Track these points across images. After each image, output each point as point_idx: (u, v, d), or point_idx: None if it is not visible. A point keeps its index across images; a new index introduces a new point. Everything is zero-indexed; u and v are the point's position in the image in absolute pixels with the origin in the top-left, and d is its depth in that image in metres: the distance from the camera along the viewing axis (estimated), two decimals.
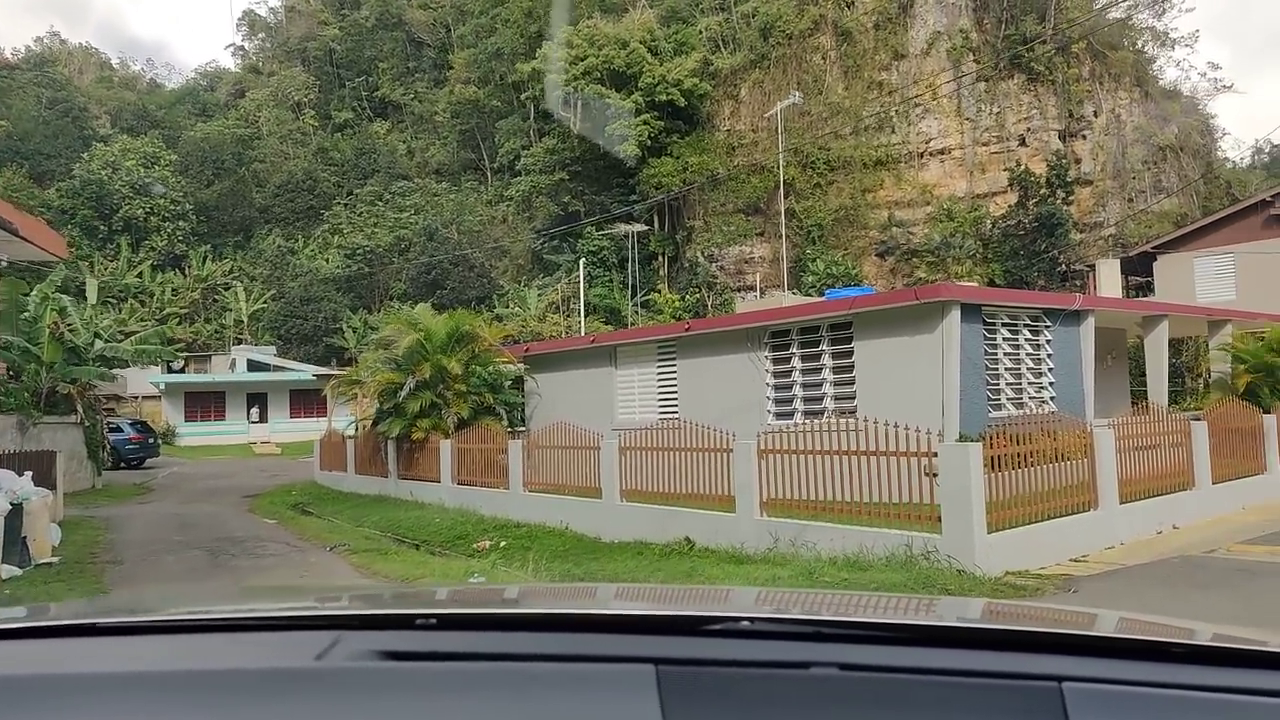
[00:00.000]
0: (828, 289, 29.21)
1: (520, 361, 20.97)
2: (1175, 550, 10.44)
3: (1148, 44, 46.20)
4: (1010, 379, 14.74)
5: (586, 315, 44.55)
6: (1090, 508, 10.58)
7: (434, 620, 1.51)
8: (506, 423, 19.32)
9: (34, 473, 13.61)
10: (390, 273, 53.62)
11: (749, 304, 24.32)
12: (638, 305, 45.52)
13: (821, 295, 23.03)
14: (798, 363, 15.64)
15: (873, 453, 10.20)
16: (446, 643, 1.44)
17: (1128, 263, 31.19)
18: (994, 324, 14.54)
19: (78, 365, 24.16)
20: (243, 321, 51.42)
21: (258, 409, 43.49)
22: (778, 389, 15.93)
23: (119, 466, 30.68)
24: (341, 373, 25.50)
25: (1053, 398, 14.98)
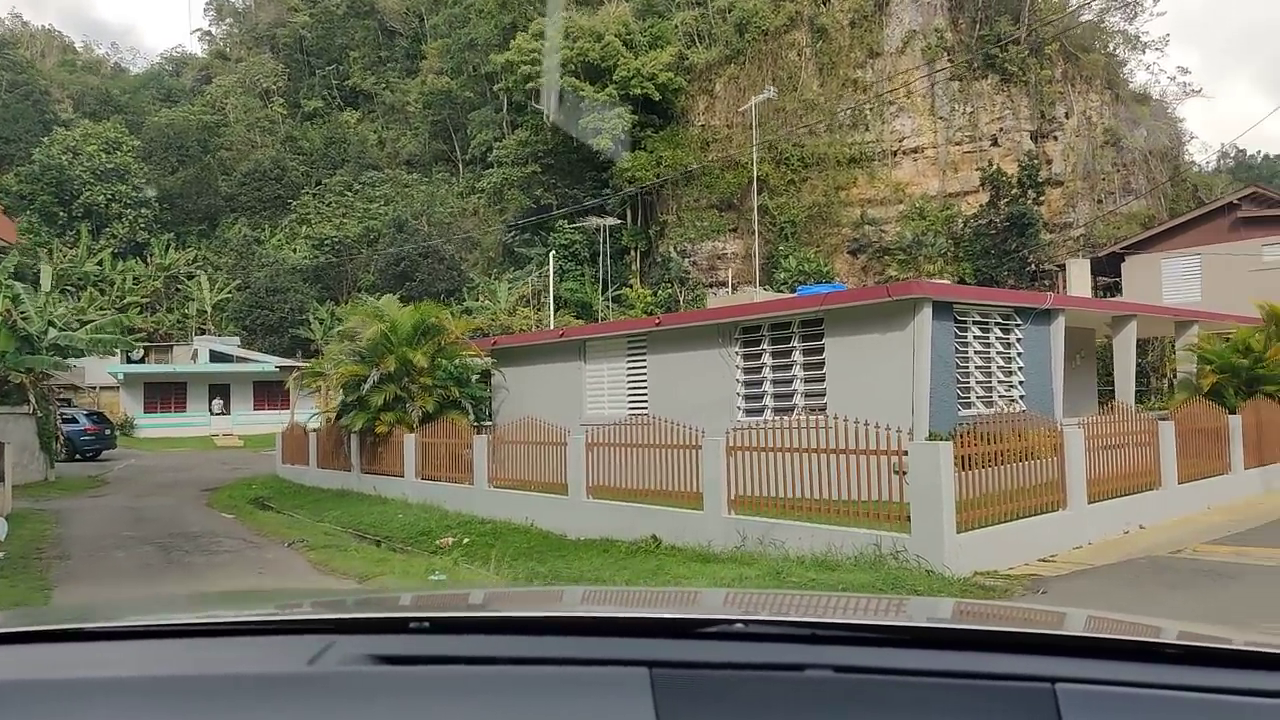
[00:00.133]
0: (800, 286, 29.13)
1: (487, 355, 20.65)
2: (1142, 550, 10.39)
3: (1119, 47, 46.65)
4: (981, 377, 14.66)
5: (558, 309, 44.22)
6: (1059, 507, 10.50)
7: (427, 624, 1.50)
8: (473, 417, 19.02)
9: None
10: (359, 264, 52.93)
11: (721, 300, 24.12)
12: (609, 300, 45.24)
13: (793, 292, 22.89)
14: (768, 359, 15.47)
15: (842, 450, 10.04)
16: (440, 646, 1.43)
17: (1096, 263, 31.42)
18: (965, 322, 14.45)
19: (31, 354, 23.47)
20: (206, 311, 50.51)
21: (220, 401, 42.67)
22: (748, 385, 15.76)
23: (74, 458, 29.95)
24: (304, 364, 25.01)
25: (1023, 396, 14.92)
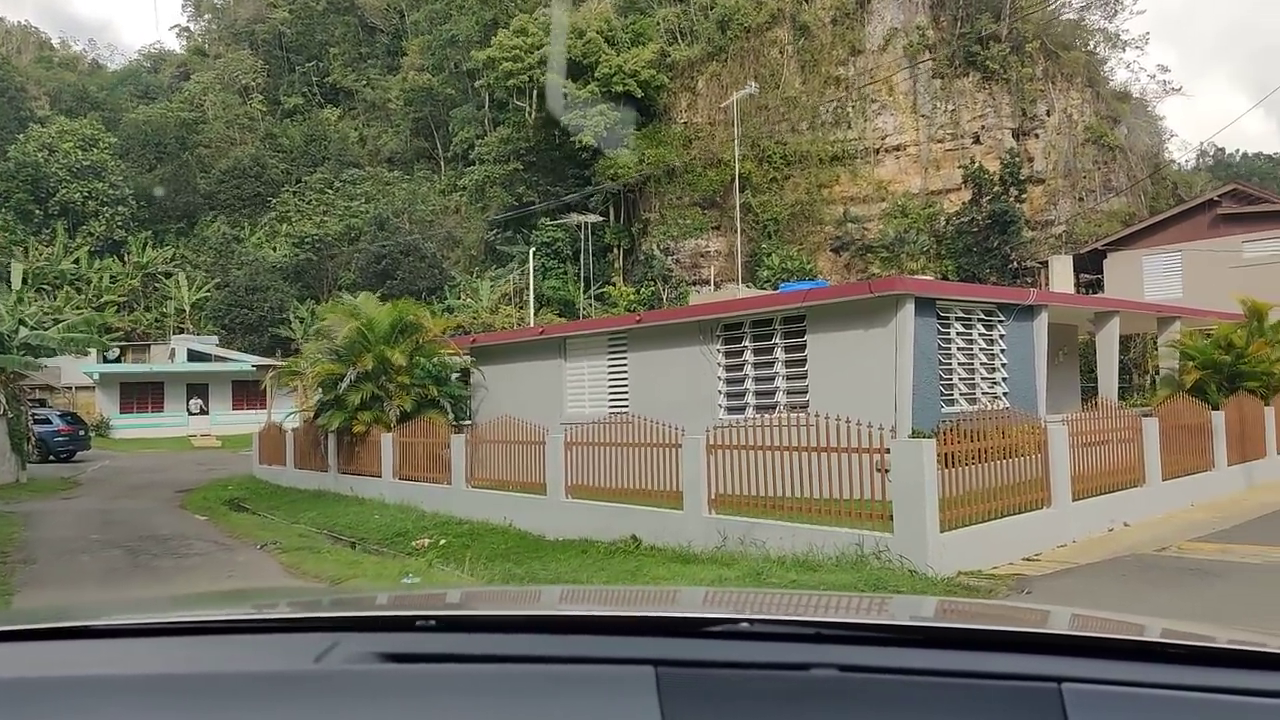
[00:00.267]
0: (782, 283, 29.00)
1: (467, 353, 20.39)
2: (1127, 548, 10.28)
3: (1099, 45, 46.77)
4: (964, 374, 14.54)
5: (540, 308, 43.96)
6: (1043, 505, 10.37)
7: (433, 622, 1.50)
8: (452, 416, 18.76)
9: None
10: (340, 262, 52.48)
11: (703, 297, 23.96)
12: (592, 298, 45.01)
13: (776, 289, 22.75)
14: (750, 356, 15.30)
15: (824, 449, 9.87)
16: (446, 644, 1.43)
17: (1078, 260, 31.46)
18: (948, 318, 14.32)
19: (1, 354, 23.01)
20: (184, 310, 49.92)
21: (198, 400, 42.12)
22: (730, 383, 15.58)
23: (47, 460, 29.50)
24: (281, 363, 24.67)
25: (1006, 393, 14.81)
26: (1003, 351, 15.08)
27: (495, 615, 1.74)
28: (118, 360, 43.68)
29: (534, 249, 43.54)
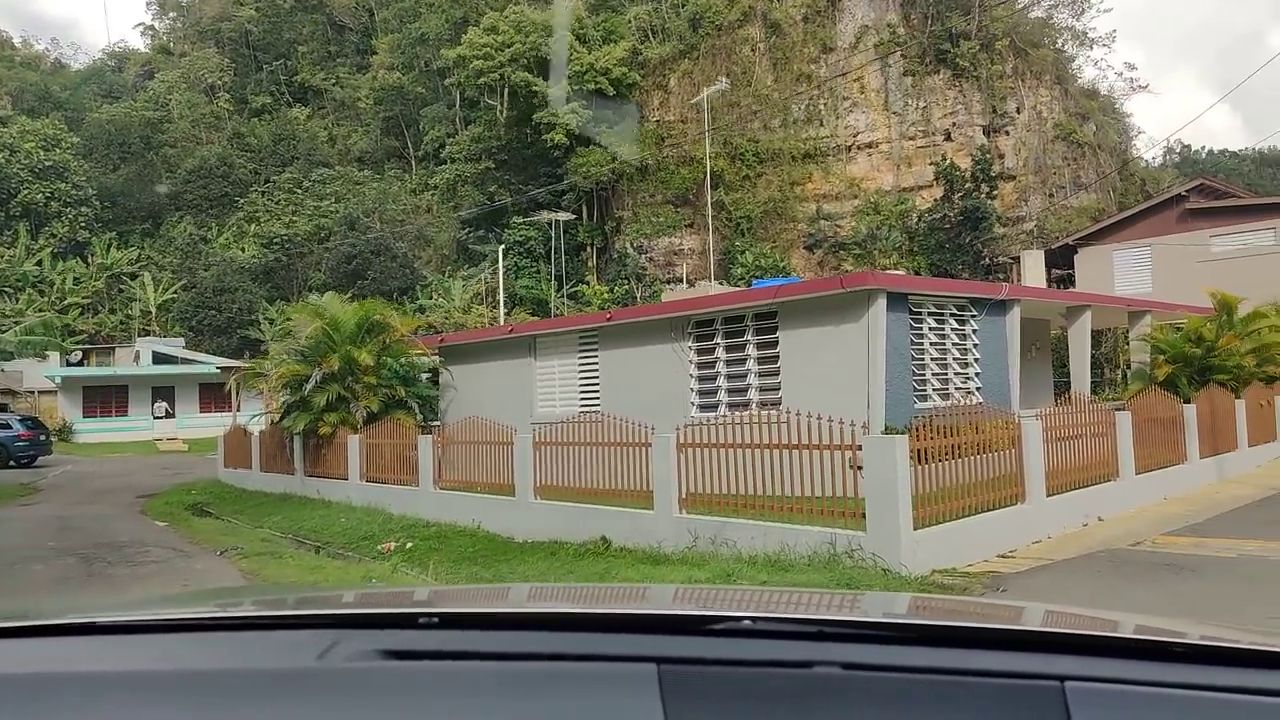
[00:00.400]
0: (756, 280, 28.85)
1: (435, 353, 20.05)
2: (1101, 543, 10.18)
3: (1067, 43, 47.17)
4: (936, 369, 14.43)
5: (513, 307, 43.59)
6: (1018, 501, 10.24)
7: (436, 619, 1.50)
8: (420, 417, 18.42)
9: None
10: (309, 262, 51.78)
11: (676, 295, 23.77)
12: (565, 297, 44.70)
13: (750, 287, 22.59)
14: (722, 353, 15.11)
15: (796, 446, 9.69)
16: (449, 642, 1.43)
17: (1050, 255, 31.60)
18: (920, 313, 14.20)
19: None
20: (150, 312, 48.98)
21: (163, 404, 41.32)
22: (702, 380, 15.38)
23: (8, 465, 28.87)
24: (245, 364, 24.19)
25: (979, 388, 14.72)
26: (975, 346, 14.99)
27: (498, 612, 1.73)
28: (81, 363, 42.74)
29: (506, 248, 43.16)
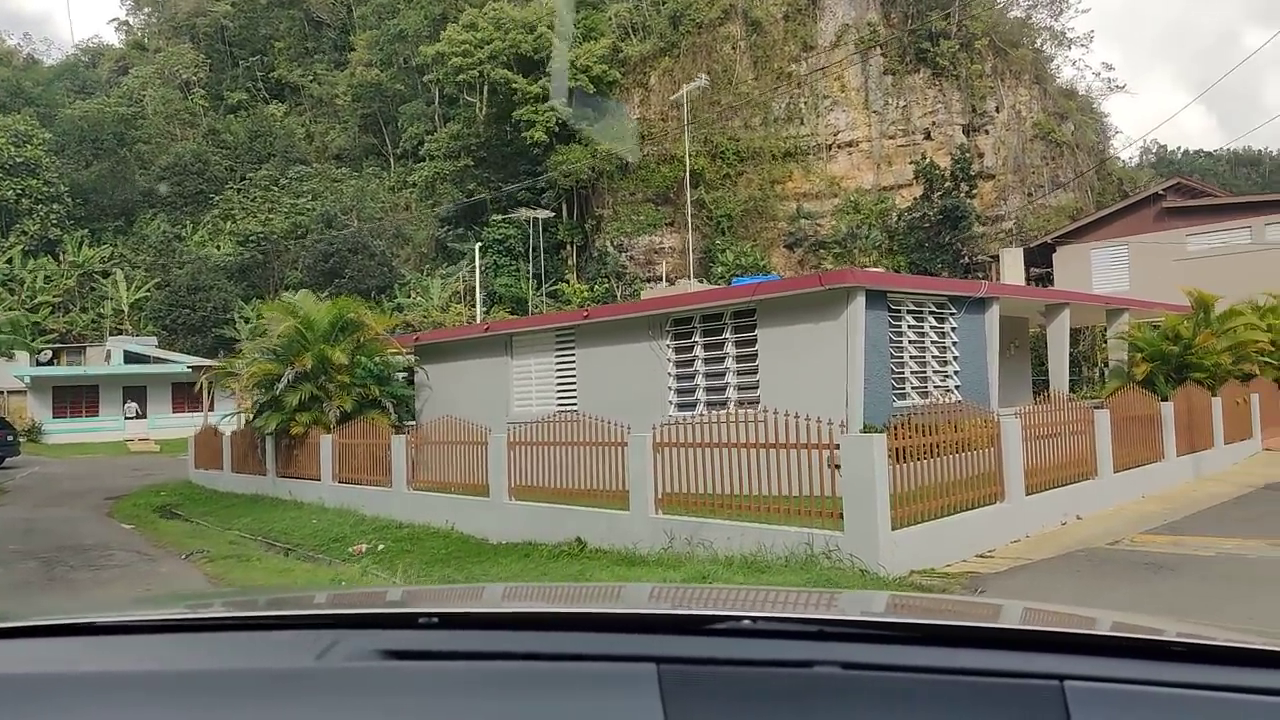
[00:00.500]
0: (736, 279, 28.73)
1: (411, 352, 19.78)
2: (1080, 542, 10.09)
3: (1046, 43, 47.32)
4: (915, 367, 14.33)
5: (492, 306, 43.30)
6: (996, 500, 10.13)
7: (435, 619, 1.50)
8: (395, 417, 18.17)
9: None
10: (286, 261, 51.21)
11: (655, 293, 23.58)
12: (545, 295, 44.43)
13: (730, 285, 22.46)
14: (700, 352, 14.95)
15: (773, 445, 9.53)
16: (448, 642, 1.42)
17: (1028, 254, 31.67)
18: (899, 311, 14.10)
19: None
20: (123, 311, 48.26)
21: (133, 404, 40.67)
22: (680, 379, 15.22)
23: None
24: (215, 363, 23.80)
25: (958, 386, 14.64)
26: (954, 344, 14.91)
27: (497, 612, 1.73)
28: (51, 363, 42.00)
29: (484, 246, 42.85)
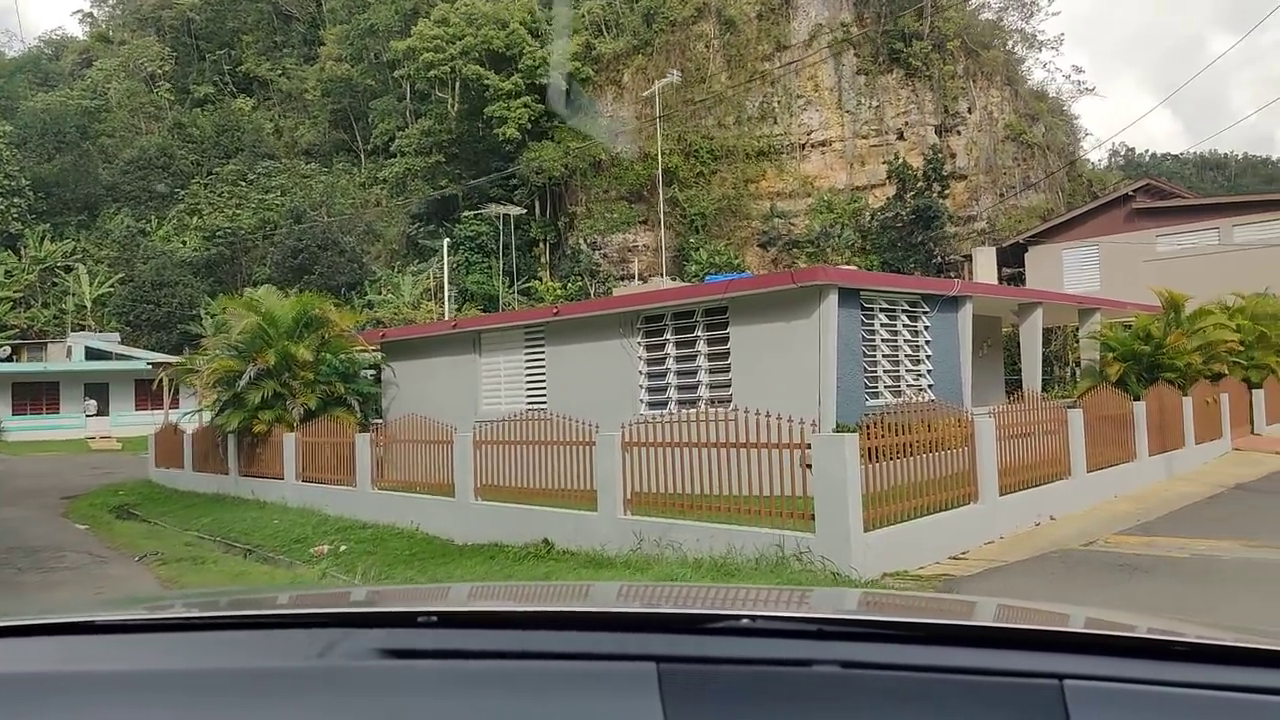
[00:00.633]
0: (709, 277, 28.55)
1: (377, 349, 19.40)
2: (1054, 543, 9.98)
3: (1017, 45, 47.61)
4: (888, 366, 14.21)
5: (464, 303, 42.82)
6: (971, 500, 9.99)
7: (435, 618, 1.49)
8: (361, 415, 17.78)
9: None
10: (254, 257, 50.41)
11: (627, 291, 23.36)
12: (517, 293, 44.04)
13: (703, 284, 22.26)
14: (672, 350, 14.74)
15: (744, 445, 9.33)
16: (448, 640, 1.42)
17: (1000, 254, 31.78)
18: (872, 309, 13.97)
19: None
20: (85, 307, 47.27)
21: (94, 401, 39.79)
22: (651, 377, 15.00)
23: None
24: (175, 359, 23.27)
25: (931, 385, 14.53)
26: (927, 343, 14.81)
27: (496, 611, 1.72)
28: (10, 359, 41.05)
29: (454, 242, 42.38)
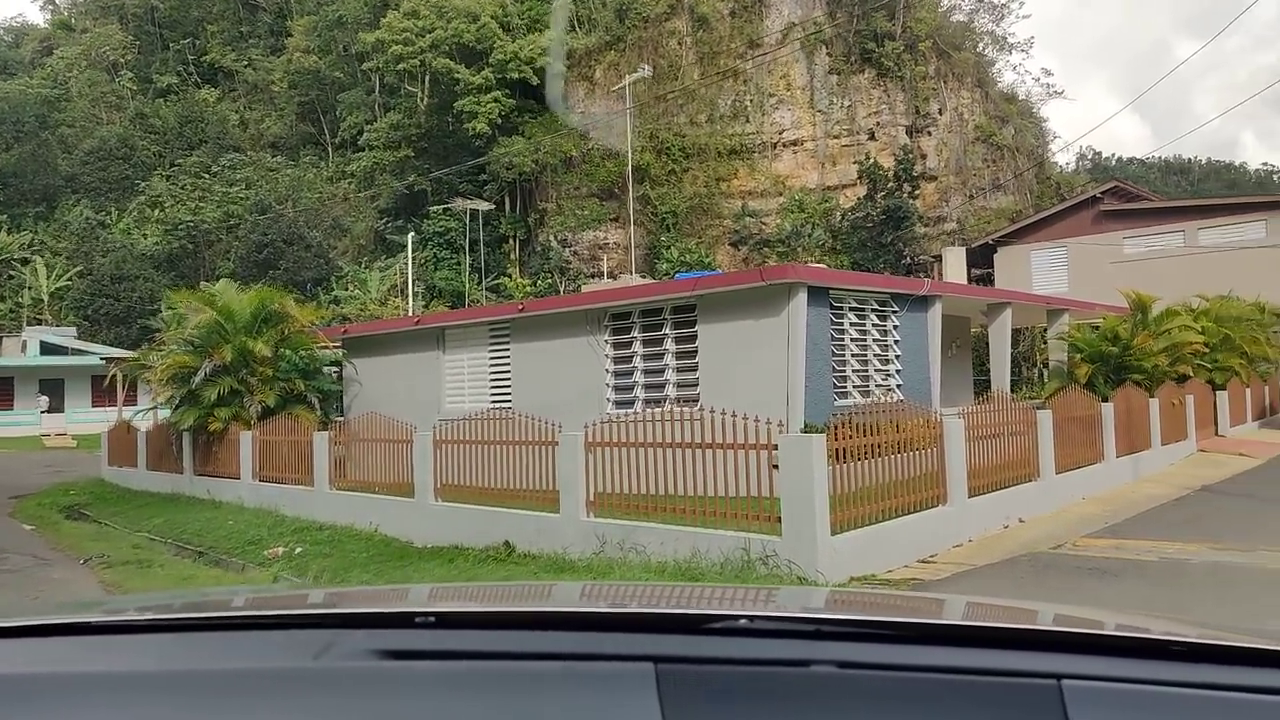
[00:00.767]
0: (679, 275, 28.33)
1: (339, 345, 18.96)
2: (1024, 546, 9.85)
3: (988, 47, 47.88)
4: (857, 366, 14.06)
5: (431, 300, 42.32)
6: (939, 503, 9.83)
7: (432, 619, 1.48)
8: (321, 413, 17.36)
9: None
10: (218, 251, 49.46)
11: (597, 287, 23.08)
12: (486, 290, 43.59)
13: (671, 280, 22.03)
14: (639, 348, 14.49)
15: (710, 445, 9.10)
16: (445, 641, 1.42)
17: (970, 254, 31.87)
18: (841, 308, 13.81)
19: None
20: (43, 300, 46.17)
21: (46, 397, 38.80)
22: (618, 375, 14.74)
23: None
24: (128, 355, 22.66)
25: (900, 385, 14.40)
26: (896, 343, 14.68)
27: (494, 612, 1.71)
28: None
29: (423, 238, 41.88)
